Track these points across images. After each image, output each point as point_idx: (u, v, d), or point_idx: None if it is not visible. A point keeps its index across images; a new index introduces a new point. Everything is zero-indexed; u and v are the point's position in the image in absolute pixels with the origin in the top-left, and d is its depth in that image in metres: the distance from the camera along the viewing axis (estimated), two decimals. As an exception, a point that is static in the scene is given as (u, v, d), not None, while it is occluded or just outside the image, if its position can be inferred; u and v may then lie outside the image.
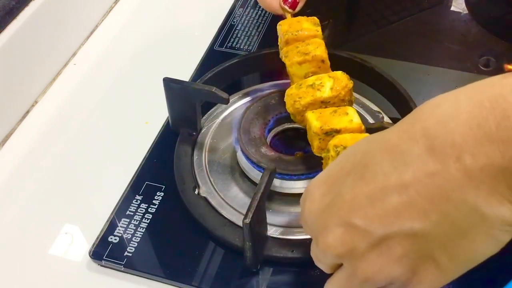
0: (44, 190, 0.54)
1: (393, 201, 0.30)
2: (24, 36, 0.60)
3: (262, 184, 0.43)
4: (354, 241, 0.31)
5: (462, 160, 0.28)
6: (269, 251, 0.46)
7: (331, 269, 0.36)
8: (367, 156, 0.32)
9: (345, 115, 0.45)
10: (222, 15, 0.69)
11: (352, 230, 0.31)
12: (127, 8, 0.73)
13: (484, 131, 0.27)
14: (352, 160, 0.33)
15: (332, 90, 0.47)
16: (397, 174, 0.30)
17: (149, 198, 0.51)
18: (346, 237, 0.32)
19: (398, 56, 0.62)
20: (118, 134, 0.58)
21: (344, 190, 0.32)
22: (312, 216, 0.34)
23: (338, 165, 0.34)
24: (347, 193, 0.32)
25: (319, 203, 0.34)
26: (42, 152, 0.57)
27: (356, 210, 0.31)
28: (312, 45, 0.50)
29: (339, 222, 0.32)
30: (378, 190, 0.30)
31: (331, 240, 0.32)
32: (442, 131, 0.29)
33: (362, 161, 0.32)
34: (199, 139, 0.54)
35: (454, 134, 0.28)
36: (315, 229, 0.34)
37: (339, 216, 0.32)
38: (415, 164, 0.29)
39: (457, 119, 0.28)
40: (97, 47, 0.68)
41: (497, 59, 0.61)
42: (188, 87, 0.52)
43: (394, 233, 0.30)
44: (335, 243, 0.32)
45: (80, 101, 0.62)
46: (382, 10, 0.68)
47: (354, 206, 0.31)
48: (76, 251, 0.49)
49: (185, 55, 0.65)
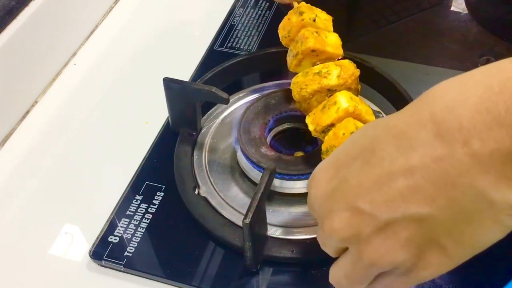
0: (44, 190, 0.54)
1: (399, 185, 0.30)
2: (24, 36, 0.60)
3: (262, 184, 0.43)
4: (359, 225, 0.31)
5: (470, 145, 0.28)
6: (269, 251, 0.46)
7: (336, 253, 0.36)
8: (374, 141, 0.32)
9: (333, 105, 0.44)
10: (222, 15, 0.69)
11: (358, 214, 0.31)
12: (127, 8, 0.73)
13: (493, 116, 0.27)
14: (358, 145, 0.33)
15: (339, 78, 0.47)
16: (404, 159, 0.30)
17: (149, 198, 0.51)
18: (352, 221, 0.32)
19: (398, 56, 0.62)
20: (118, 134, 0.58)
21: (350, 174, 0.32)
22: (318, 200, 0.34)
23: (344, 150, 0.34)
24: (353, 177, 0.32)
25: (325, 187, 0.34)
26: (42, 152, 0.57)
27: (362, 195, 0.31)
28: (299, 41, 0.49)
29: (345, 206, 0.32)
30: (384, 174, 0.30)
31: (336, 223, 0.32)
32: (450, 116, 0.28)
33: (369, 146, 0.32)
34: (199, 139, 0.54)
35: (462, 119, 0.28)
36: (321, 213, 0.34)
37: (345, 200, 0.32)
38: (422, 149, 0.29)
39: (465, 104, 0.28)
40: (97, 47, 0.68)
41: (497, 59, 0.60)
42: (188, 87, 0.52)
43: (400, 217, 0.30)
44: (340, 227, 0.32)
45: (80, 101, 0.62)
46: (382, 10, 0.68)
47: (360, 190, 0.31)
48: (76, 251, 0.49)
49: (185, 55, 0.65)
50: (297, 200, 0.49)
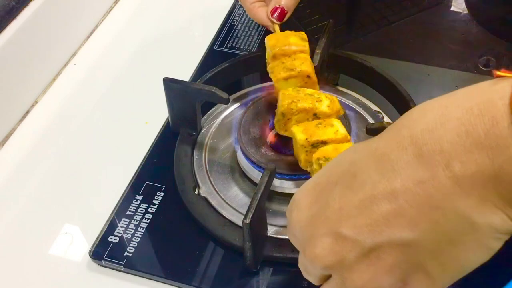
0: (44, 190, 0.54)
1: (382, 209, 0.29)
2: (24, 36, 0.60)
3: (262, 184, 0.43)
4: (342, 252, 0.31)
5: (451, 168, 0.27)
6: (269, 251, 0.46)
7: (319, 281, 0.35)
8: (355, 165, 0.31)
9: (330, 127, 0.45)
10: (222, 15, 0.69)
11: (341, 240, 0.31)
12: (127, 8, 0.73)
13: (473, 138, 0.27)
14: (339, 169, 0.32)
15: (328, 107, 0.47)
16: (386, 182, 0.29)
17: (149, 198, 0.51)
18: (334, 247, 0.31)
19: (398, 56, 0.62)
20: (118, 134, 0.58)
21: (331, 199, 0.32)
22: (299, 226, 0.34)
23: (325, 174, 0.34)
24: (335, 202, 0.31)
25: (306, 212, 0.33)
26: (42, 152, 0.57)
27: (345, 220, 0.31)
28: (298, 60, 0.50)
29: (328, 232, 0.31)
30: (366, 198, 0.30)
31: (319, 250, 0.32)
32: (430, 138, 0.28)
33: (350, 170, 0.31)
34: (199, 139, 0.54)
35: (443, 141, 0.28)
36: (302, 239, 0.34)
37: (327, 225, 0.31)
38: (404, 172, 0.29)
39: (445, 126, 0.28)
40: (97, 47, 0.68)
41: (497, 59, 0.61)
42: (188, 87, 0.52)
43: (384, 242, 0.30)
44: (323, 254, 0.31)
45: (80, 101, 0.62)
46: (382, 10, 0.68)
47: (342, 215, 0.31)
48: (76, 251, 0.49)
49: (185, 55, 0.65)
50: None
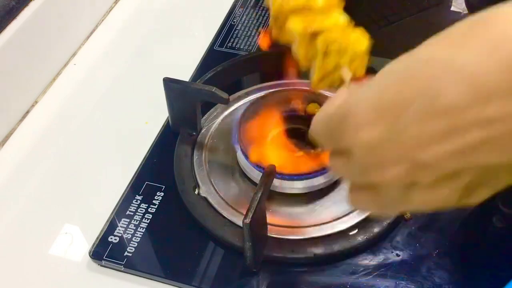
0: (44, 190, 0.54)
1: (470, 138, 0.27)
2: (24, 36, 0.60)
3: (262, 184, 0.43)
4: (418, 178, 0.29)
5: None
6: (269, 251, 0.46)
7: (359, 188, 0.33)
8: (436, 82, 0.27)
9: (330, 17, 0.42)
10: (222, 15, 0.69)
11: (419, 167, 0.28)
12: (127, 8, 0.73)
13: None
14: (414, 85, 0.28)
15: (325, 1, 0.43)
16: (480, 109, 0.26)
17: (149, 198, 0.51)
18: (410, 173, 0.29)
19: (398, 56, 0.62)
20: (118, 134, 0.58)
21: (408, 122, 0.28)
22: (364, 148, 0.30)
23: (390, 88, 0.29)
24: (412, 126, 0.28)
25: (371, 132, 0.29)
26: (42, 152, 0.57)
27: (426, 146, 0.28)
28: None
29: (402, 159, 0.29)
30: (452, 125, 0.27)
31: (390, 176, 0.29)
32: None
33: (429, 89, 0.27)
34: (199, 139, 0.54)
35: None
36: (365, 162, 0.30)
37: (402, 151, 0.28)
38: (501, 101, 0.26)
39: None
40: (97, 47, 0.68)
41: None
42: (188, 87, 0.52)
43: (466, 168, 0.28)
44: (397, 179, 0.29)
45: (80, 101, 0.62)
46: (382, 10, 0.68)
47: (421, 141, 0.28)
48: (76, 251, 0.49)
49: (185, 55, 0.65)
50: (297, 200, 0.49)
